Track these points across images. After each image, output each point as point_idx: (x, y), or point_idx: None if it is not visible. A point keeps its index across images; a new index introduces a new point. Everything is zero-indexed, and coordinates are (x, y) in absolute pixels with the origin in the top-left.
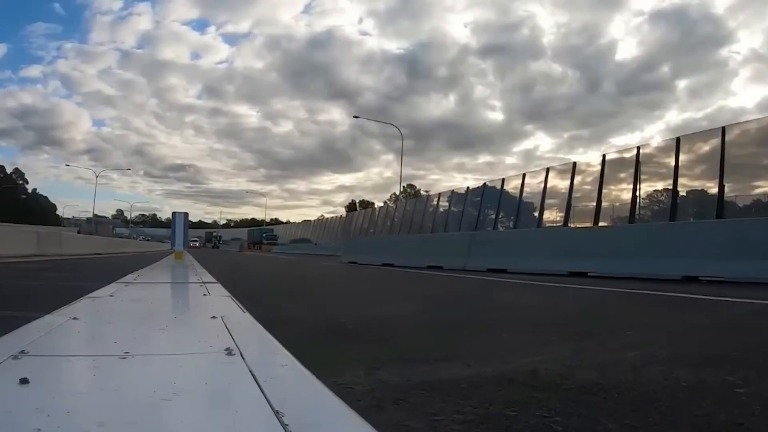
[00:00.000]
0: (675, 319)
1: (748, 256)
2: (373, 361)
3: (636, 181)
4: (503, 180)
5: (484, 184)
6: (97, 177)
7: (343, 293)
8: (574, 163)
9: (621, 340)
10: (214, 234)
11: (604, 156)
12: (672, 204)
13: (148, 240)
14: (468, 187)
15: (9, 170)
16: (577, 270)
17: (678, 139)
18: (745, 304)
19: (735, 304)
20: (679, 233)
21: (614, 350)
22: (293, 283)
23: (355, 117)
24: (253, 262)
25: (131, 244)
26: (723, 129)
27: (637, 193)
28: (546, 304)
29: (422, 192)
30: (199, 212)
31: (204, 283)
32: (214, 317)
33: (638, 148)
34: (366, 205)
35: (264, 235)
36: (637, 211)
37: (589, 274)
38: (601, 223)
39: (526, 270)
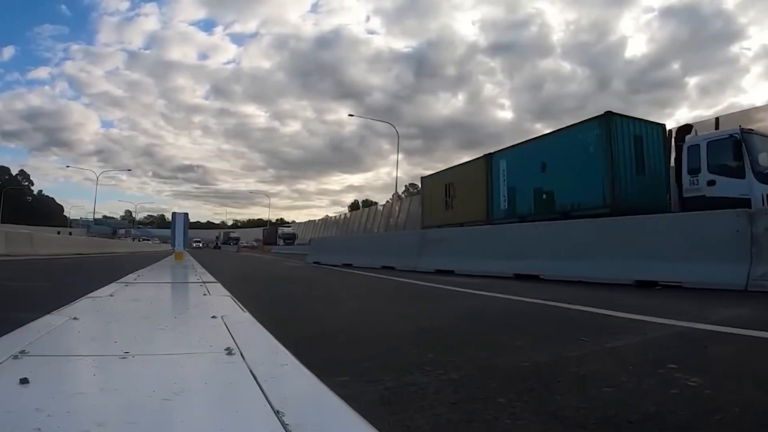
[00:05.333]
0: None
1: (709, 257)
2: None
3: None
4: None
5: None
6: (97, 177)
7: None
8: None
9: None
10: (283, 231)
11: None
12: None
13: (140, 239)
14: None
15: (14, 172)
16: (523, 272)
17: (670, 132)
18: (653, 328)
19: (625, 331)
20: (632, 229)
21: None
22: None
23: (350, 115)
24: (230, 261)
25: (122, 245)
26: (717, 120)
27: None
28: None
29: None
30: (208, 213)
31: (204, 282)
32: (214, 317)
33: None
34: (369, 204)
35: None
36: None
37: (541, 276)
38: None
39: (471, 271)
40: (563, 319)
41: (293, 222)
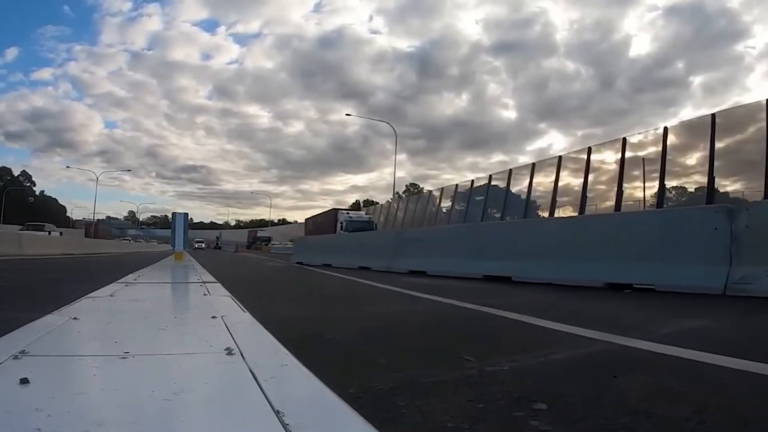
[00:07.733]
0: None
1: (685, 258)
2: None
3: (621, 174)
4: (490, 176)
5: (472, 181)
6: (98, 178)
7: None
8: (560, 158)
9: None
10: (349, 218)
11: (589, 149)
12: (659, 198)
13: (129, 240)
14: (456, 185)
15: (17, 173)
16: (493, 274)
17: (666, 129)
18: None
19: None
20: (603, 228)
21: None
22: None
23: (347, 115)
24: (218, 261)
25: (115, 245)
26: (713, 116)
27: (623, 187)
28: None
29: (424, 191)
30: (211, 213)
31: (204, 282)
32: (214, 317)
33: (624, 139)
34: (370, 204)
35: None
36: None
37: (512, 278)
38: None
39: (442, 272)
40: (475, 330)
41: (295, 221)
